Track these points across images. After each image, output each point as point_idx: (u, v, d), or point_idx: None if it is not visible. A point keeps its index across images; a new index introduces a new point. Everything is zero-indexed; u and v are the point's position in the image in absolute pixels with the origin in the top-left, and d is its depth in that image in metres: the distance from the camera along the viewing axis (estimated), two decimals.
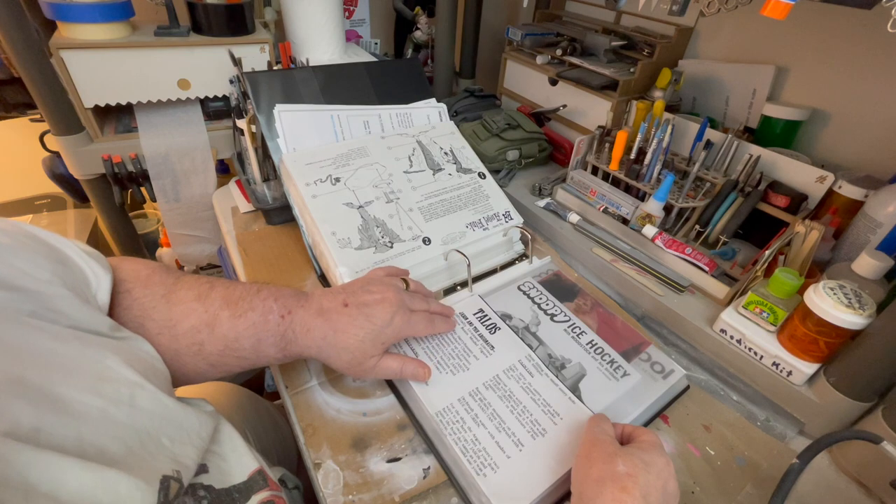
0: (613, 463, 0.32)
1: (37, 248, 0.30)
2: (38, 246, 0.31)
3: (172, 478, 0.27)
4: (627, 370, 0.48)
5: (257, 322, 0.38)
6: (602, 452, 0.33)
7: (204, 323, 0.37)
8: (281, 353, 0.40)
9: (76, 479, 0.22)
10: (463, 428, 0.41)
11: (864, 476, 0.44)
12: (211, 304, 0.38)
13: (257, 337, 0.38)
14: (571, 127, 0.86)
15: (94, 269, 0.34)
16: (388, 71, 0.69)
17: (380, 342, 0.41)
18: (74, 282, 0.31)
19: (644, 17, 0.86)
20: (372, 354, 0.41)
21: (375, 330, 0.40)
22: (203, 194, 0.87)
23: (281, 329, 0.39)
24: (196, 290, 0.38)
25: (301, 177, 0.56)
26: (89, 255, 0.34)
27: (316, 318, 0.40)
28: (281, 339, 0.39)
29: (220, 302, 0.38)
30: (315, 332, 0.39)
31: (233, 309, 0.38)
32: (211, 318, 0.37)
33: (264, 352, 0.39)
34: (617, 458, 0.32)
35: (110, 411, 0.26)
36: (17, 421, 0.22)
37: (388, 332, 0.41)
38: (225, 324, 0.37)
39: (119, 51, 0.70)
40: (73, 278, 0.31)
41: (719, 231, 0.62)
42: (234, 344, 0.38)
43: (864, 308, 0.42)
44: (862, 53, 0.63)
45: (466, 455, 0.39)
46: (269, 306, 0.39)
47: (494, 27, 1.20)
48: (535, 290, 0.57)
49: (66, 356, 0.26)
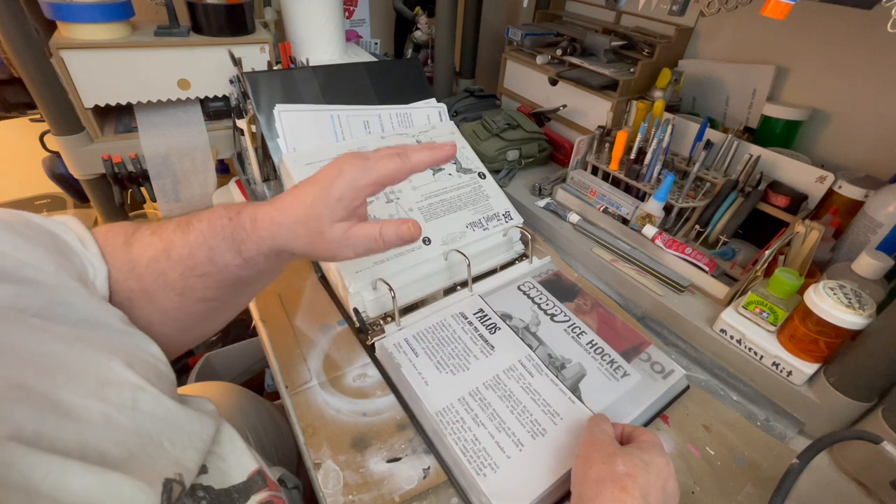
0: (613, 463, 0.32)
1: (38, 238, 0.30)
2: (39, 236, 0.31)
3: (175, 480, 0.27)
4: (627, 370, 0.48)
5: (205, 230, 0.35)
6: (602, 453, 0.33)
7: (160, 251, 0.35)
8: (240, 258, 0.35)
9: (79, 481, 0.22)
10: (463, 428, 0.41)
11: (864, 476, 0.44)
12: (164, 231, 0.36)
13: (209, 245, 0.35)
14: (571, 127, 0.86)
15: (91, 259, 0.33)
16: (388, 71, 0.69)
17: (334, 200, 0.34)
18: (77, 273, 0.31)
19: (644, 17, 0.86)
20: (332, 219, 0.34)
21: (321, 186, 0.34)
22: (203, 194, 0.86)
23: (230, 230, 0.35)
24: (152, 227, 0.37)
25: (301, 177, 0.56)
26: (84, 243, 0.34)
27: (263, 206, 0.36)
28: (233, 240, 0.35)
29: (172, 227, 0.36)
30: (263, 218, 0.35)
31: (183, 228, 0.36)
32: (166, 243, 0.35)
33: (221, 260, 0.35)
34: (616, 458, 0.32)
35: (113, 416, 0.26)
36: (19, 425, 0.22)
37: (340, 185, 0.34)
38: (178, 244, 0.35)
39: (119, 51, 0.70)
40: (74, 269, 0.31)
41: (719, 231, 0.62)
42: (190, 261, 0.35)
43: (864, 308, 0.42)
44: (862, 53, 0.63)
45: (466, 455, 0.39)
46: (219, 213, 0.36)
47: (494, 27, 1.20)
48: (535, 290, 0.57)
49: (68, 359, 0.26)
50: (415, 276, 0.55)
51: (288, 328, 0.54)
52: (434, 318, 0.52)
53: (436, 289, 0.57)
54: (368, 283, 0.52)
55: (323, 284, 0.59)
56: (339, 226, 0.34)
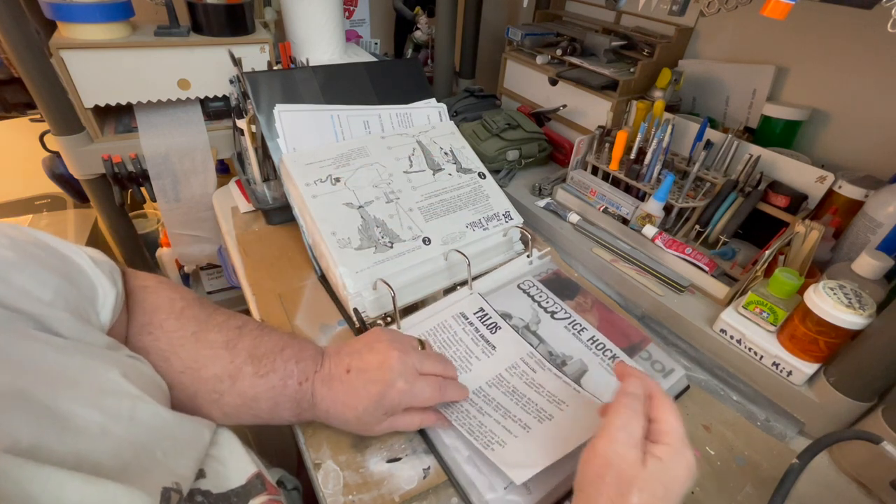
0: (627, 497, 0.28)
1: (46, 260, 0.30)
2: (47, 258, 0.31)
3: (173, 489, 0.27)
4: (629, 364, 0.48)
5: (277, 386, 0.38)
6: (616, 478, 0.29)
7: (227, 374, 0.37)
8: (295, 418, 0.40)
9: (77, 492, 0.22)
10: (468, 416, 0.42)
11: (864, 476, 0.44)
12: (237, 355, 0.38)
13: (275, 400, 0.38)
14: (571, 127, 0.86)
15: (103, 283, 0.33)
16: (388, 71, 0.69)
17: (381, 413, 0.39)
18: (79, 300, 0.31)
19: (644, 17, 0.86)
20: (376, 423, 0.39)
21: (374, 403, 0.38)
22: (203, 194, 0.86)
23: (297, 396, 0.39)
24: (226, 335, 0.39)
25: (301, 177, 0.56)
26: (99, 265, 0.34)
27: (323, 387, 0.39)
28: (297, 405, 0.39)
29: (245, 355, 0.38)
30: (324, 403, 0.39)
31: (256, 366, 0.38)
32: (235, 370, 0.37)
33: (279, 414, 0.39)
34: (633, 489, 0.28)
35: (109, 427, 0.26)
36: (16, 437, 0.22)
37: (387, 403, 0.38)
38: (247, 380, 0.37)
39: (119, 51, 0.70)
40: (77, 295, 0.31)
41: (719, 231, 0.61)
42: (253, 403, 0.38)
43: (864, 308, 0.42)
44: (862, 53, 0.63)
45: (473, 434, 0.39)
46: (290, 370, 0.39)
47: (494, 27, 1.20)
48: (534, 288, 0.56)
49: (69, 368, 0.26)
50: (415, 277, 0.55)
51: (288, 328, 0.54)
52: (435, 320, 0.52)
53: (436, 289, 0.57)
54: (368, 283, 0.52)
55: (323, 284, 0.59)
56: (382, 423, 0.40)
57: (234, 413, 0.38)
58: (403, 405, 0.39)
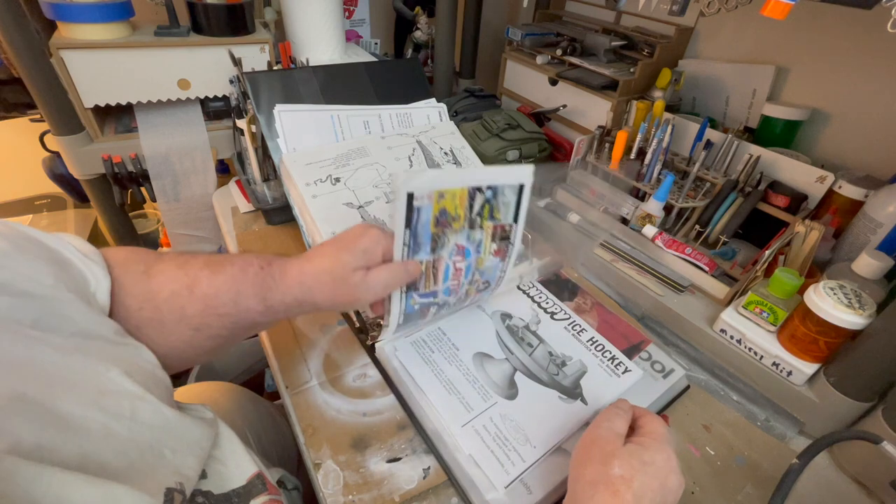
0: (609, 465, 0.31)
1: (36, 251, 0.30)
2: (37, 249, 0.31)
3: (176, 490, 0.27)
4: (629, 366, 0.48)
5: (236, 274, 0.37)
6: (600, 451, 0.33)
7: (184, 286, 0.36)
8: (262, 304, 0.38)
9: (80, 493, 0.22)
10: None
11: (864, 476, 0.44)
12: (191, 268, 0.37)
13: (236, 289, 0.37)
14: (571, 127, 0.86)
15: (93, 270, 0.33)
16: (388, 71, 0.69)
17: (359, 251, 0.38)
18: (76, 285, 0.31)
19: (644, 17, 0.86)
20: (354, 267, 0.37)
21: (348, 240, 0.38)
22: (203, 194, 0.86)
23: (260, 277, 0.37)
24: (177, 260, 0.38)
25: (301, 177, 0.56)
26: (87, 255, 0.34)
27: (292, 259, 0.39)
28: (261, 287, 0.37)
29: (201, 264, 0.37)
30: (292, 270, 0.38)
31: (213, 268, 0.37)
32: (191, 280, 0.36)
33: (244, 304, 0.37)
34: (614, 459, 0.32)
35: (112, 426, 0.26)
36: (19, 438, 0.22)
37: (364, 241, 0.38)
38: (204, 282, 0.36)
39: (119, 51, 0.70)
40: (73, 282, 0.31)
41: (719, 231, 0.62)
42: (214, 301, 0.36)
43: (864, 308, 0.42)
44: (862, 53, 0.63)
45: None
46: (250, 260, 0.38)
47: (494, 27, 1.20)
48: (534, 288, 0.56)
49: (67, 369, 0.26)
50: None
51: (288, 328, 0.54)
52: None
53: None
54: None
55: None
56: (360, 272, 0.38)
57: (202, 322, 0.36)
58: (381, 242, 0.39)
